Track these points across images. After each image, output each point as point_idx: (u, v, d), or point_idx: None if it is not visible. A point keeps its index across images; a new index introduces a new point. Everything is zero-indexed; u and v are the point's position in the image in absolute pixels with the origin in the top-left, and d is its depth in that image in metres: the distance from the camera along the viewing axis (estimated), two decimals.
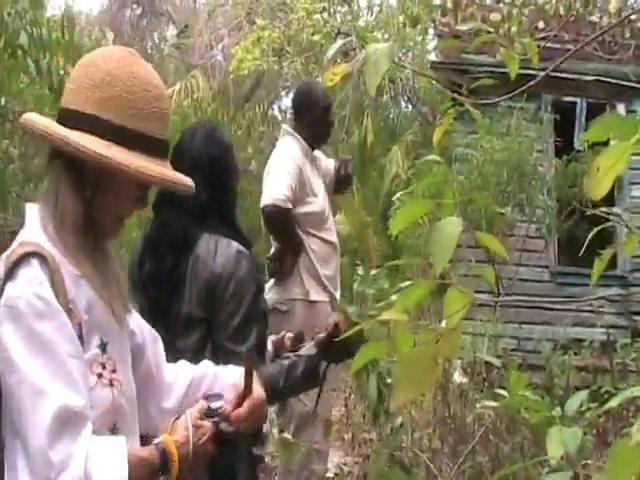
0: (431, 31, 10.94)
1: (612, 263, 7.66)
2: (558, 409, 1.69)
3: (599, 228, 2.06)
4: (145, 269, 2.52)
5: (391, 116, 13.22)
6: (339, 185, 4.70)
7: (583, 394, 1.72)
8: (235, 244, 2.49)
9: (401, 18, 10.66)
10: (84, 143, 1.55)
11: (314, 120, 4.32)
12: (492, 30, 2.40)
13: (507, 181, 6.60)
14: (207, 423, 1.68)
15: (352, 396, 7.10)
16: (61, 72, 4.72)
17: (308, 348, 2.45)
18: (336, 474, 6.05)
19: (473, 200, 5.89)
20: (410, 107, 13.33)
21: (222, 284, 2.43)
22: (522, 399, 1.72)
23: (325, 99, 4.42)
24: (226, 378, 1.85)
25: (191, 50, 14.59)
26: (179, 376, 1.85)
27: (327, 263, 4.28)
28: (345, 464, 6.35)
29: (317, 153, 4.52)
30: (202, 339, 2.45)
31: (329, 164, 4.64)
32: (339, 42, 2.14)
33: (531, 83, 2.32)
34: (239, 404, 1.75)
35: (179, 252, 2.49)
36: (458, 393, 6.41)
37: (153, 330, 1.85)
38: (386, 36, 12.69)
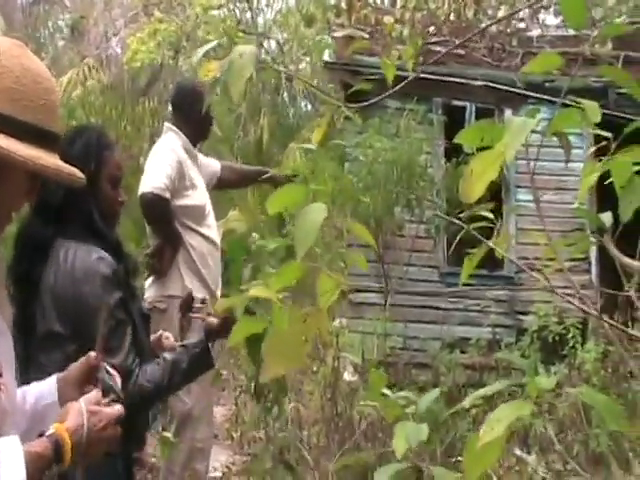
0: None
1: (500, 264, 7.88)
2: (413, 407, 1.72)
3: (464, 231, 2.09)
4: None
5: (290, 114, 13.25)
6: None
7: (435, 393, 1.76)
8: (95, 252, 2.41)
9: (299, 17, 10.69)
10: None
11: (194, 117, 4.31)
12: (367, 35, 2.44)
13: (396, 181, 6.70)
14: (107, 410, 1.64)
15: (242, 395, 7.07)
16: None
17: (195, 336, 2.48)
18: (224, 473, 6.01)
19: (362, 200, 5.95)
20: (309, 106, 13.39)
21: (78, 297, 2.35)
22: (380, 398, 1.75)
23: (204, 96, 4.42)
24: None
25: (86, 41, 14.27)
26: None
27: (207, 259, 4.25)
28: (233, 463, 6.32)
29: (197, 153, 4.54)
30: (67, 355, 2.37)
31: (212, 164, 4.64)
32: (210, 44, 2.11)
33: (401, 84, 2.35)
34: None
35: (32, 258, 2.40)
36: (347, 391, 6.47)
37: None
38: (285, 35, 12.73)
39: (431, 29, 7.98)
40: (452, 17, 8.11)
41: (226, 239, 5.41)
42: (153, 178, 4.10)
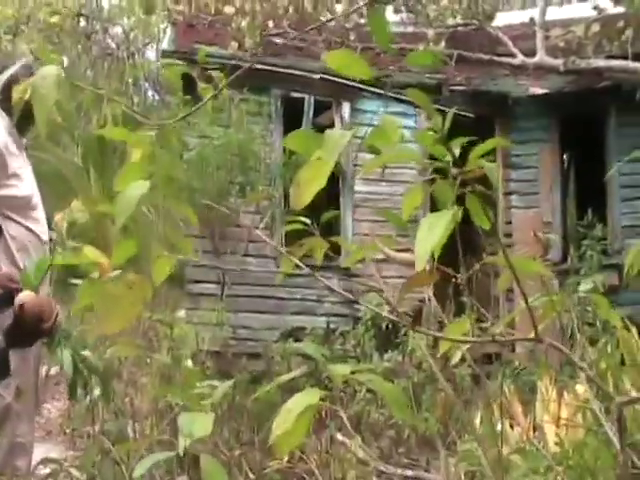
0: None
1: (337, 253, 8.03)
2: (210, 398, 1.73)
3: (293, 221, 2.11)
4: None
5: (135, 104, 12.95)
6: None
7: (229, 383, 1.77)
8: None
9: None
10: None
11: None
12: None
13: (230, 171, 6.69)
14: None
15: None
16: None
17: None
18: (53, 469, 5.85)
19: (196, 189, 5.93)
20: (155, 95, 13.17)
21: None
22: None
23: (25, 77, 4.23)
24: None
25: None
26: None
27: (29, 251, 4.11)
28: (65, 459, 6.17)
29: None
30: None
31: None
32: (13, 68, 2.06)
33: (232, 77, 2.36)
34: None
35: None
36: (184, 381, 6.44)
37: None
38: (132, 21, 12.44)
39: (271, 21, 8.03)
40: (292, 10, 8.18)
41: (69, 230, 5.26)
42: None
